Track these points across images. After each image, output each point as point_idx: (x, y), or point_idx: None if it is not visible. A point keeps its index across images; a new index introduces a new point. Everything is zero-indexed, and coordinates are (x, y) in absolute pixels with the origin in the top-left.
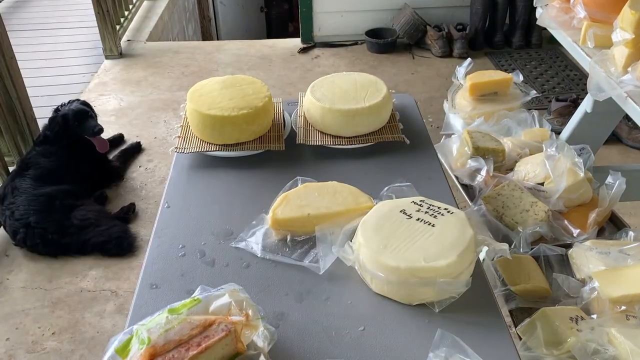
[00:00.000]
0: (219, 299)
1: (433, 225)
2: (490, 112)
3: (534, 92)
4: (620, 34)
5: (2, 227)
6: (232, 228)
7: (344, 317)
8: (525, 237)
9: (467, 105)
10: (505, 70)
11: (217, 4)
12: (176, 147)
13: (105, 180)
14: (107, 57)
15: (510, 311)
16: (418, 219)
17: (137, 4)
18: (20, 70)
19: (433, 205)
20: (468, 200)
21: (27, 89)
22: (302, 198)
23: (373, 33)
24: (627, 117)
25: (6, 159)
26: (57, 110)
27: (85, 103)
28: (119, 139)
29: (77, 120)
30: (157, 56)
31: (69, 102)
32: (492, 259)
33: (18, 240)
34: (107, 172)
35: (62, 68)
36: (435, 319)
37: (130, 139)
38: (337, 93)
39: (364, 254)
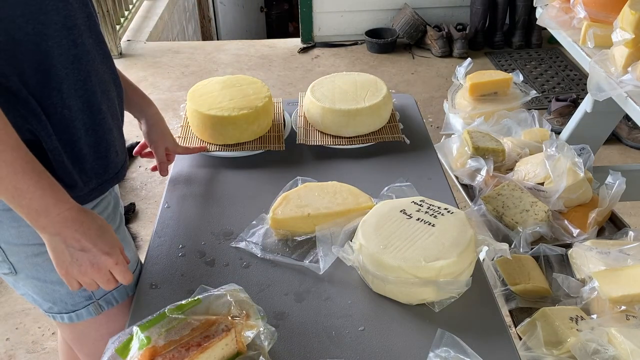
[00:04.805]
0: (219, 299)
1: (433, 225)
2: (490, 112)
3: (534, 92)
4: (620, 34)
5: None
6: (232, 228)
7: (344, 317)
8: (525, 237)
9: (467, 105)
10: (505, 70)
11: (217, 4)
12: None
13: None
14: None
15: (510, 311)
16: (418, 219)
17: (137, 4)
18: None
19: (433, 205)
20: (468, 200)
21: None
22: (302, 198)
23: (373, 33)
24: (627, 117)
25: None
26: None
27: None
28: None
29: None
30: (157, 56)
31: None
32: (492, 259)
33: None
34: None
35: None
36: (435, 319)
37: (130, 139)
38: (337, 93)
39: (364, 254)
